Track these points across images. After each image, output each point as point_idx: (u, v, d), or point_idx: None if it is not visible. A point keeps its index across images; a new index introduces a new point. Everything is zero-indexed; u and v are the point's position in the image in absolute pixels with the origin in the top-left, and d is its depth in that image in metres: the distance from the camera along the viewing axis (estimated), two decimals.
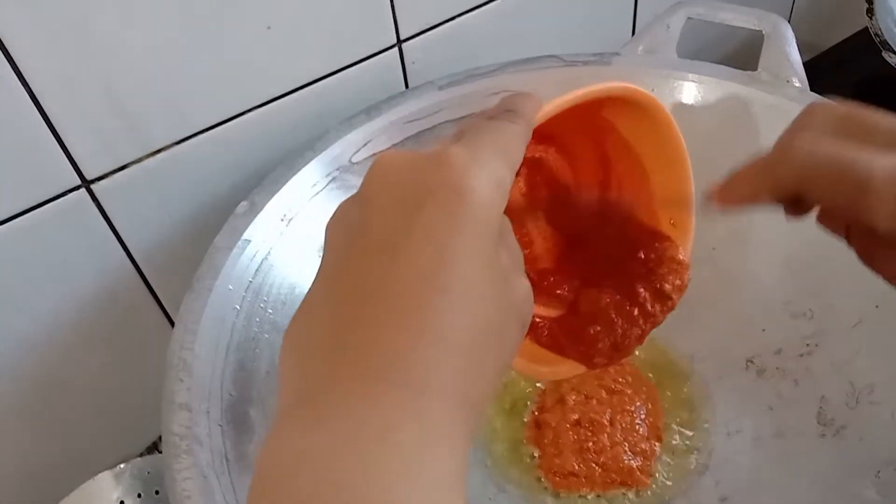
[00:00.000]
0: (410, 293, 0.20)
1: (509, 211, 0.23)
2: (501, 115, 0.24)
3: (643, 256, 0.32)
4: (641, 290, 0.31)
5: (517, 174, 0.25)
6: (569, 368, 0.31)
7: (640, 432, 0.45)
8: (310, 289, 0.22)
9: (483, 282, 0.21)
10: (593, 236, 0.34)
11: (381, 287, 0.20)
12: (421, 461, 0.18)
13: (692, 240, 0.34)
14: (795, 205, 0.27)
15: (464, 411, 0.20)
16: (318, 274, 0.22)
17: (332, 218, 0.23)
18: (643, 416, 0.46)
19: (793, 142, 0.25)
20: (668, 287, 0.32)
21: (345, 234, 0.22)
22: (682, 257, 0.32)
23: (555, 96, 0.27)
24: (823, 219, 0.28)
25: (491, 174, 0.21)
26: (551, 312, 0.32)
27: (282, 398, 0.21)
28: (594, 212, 0.33)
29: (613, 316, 0.31)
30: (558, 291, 0.32)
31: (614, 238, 0.33)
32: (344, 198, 0.44)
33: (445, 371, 0.19)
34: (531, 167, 0.33)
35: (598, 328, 0.30)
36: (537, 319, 0.31)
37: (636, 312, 0.31)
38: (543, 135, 0.32)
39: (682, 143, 0.31)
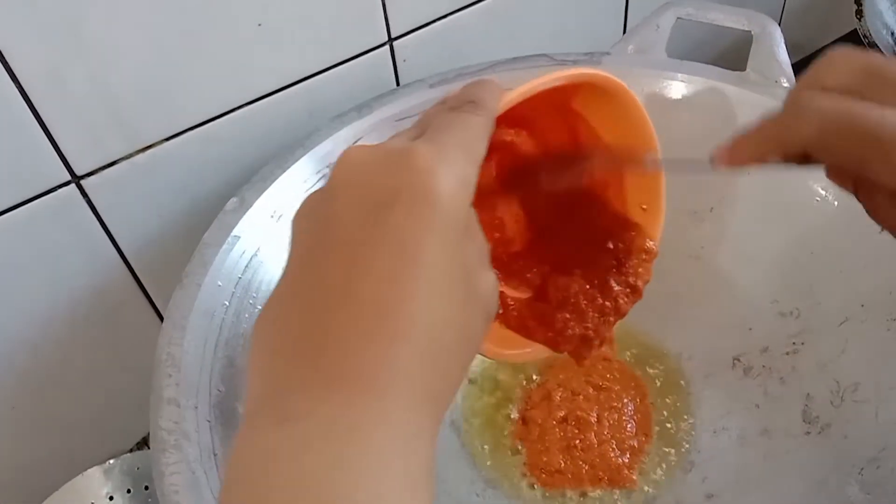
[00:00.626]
0: (376, 297, 0.20)
1: (480, 194, 0.23)
2: (464, 105, 0.24)
3: (612, 247, 0.32)
4: (613, 283, 0.32)
5: (488, 158, 0.25)
6: (534, 352, 0.31)
7: (629, 429, 0.45)
8: (277, 285, 0.22)
9: (448, 283, 0.21)
10: (564, 221, 0.34)
11: (347, 289, 0.20)
12: (388, 460, 0.18)
13: (662, 224, 0.34)
14: (803, 161, 0.26)
15: (428, 408, 0.20)
16: (285, 269, 0.22)
17: (298, 211, 0.23)
18: (631, 413, 0.46)
19: (803, 100, 0.25)
20: (638, 282, 0.32)
21: (311, 229, 0.22)
22: (650, 245, 0.33)
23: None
24: (832, 174, 0.28)
25: (456, 173, 0.21)
26: (521, 295, 0.32)
27: (249, 396, 0.21)
28: (565, 196, 0.33)
29: (584, 306, 0.31)
30: (528, 275, 0.32)
31: (585, 224, 0.33)
32: None
33: (411, 372, 0.20)
34: (503, 151, 0.33)
35: (568, 316, 0.31)
36: (509, 301, 0.31)
37: (607, 305, 0.31)
38: (516, 118, 0.32)
39: (650, 127, 0.32)
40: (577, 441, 0.44)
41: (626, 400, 0.47)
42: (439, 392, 0.21)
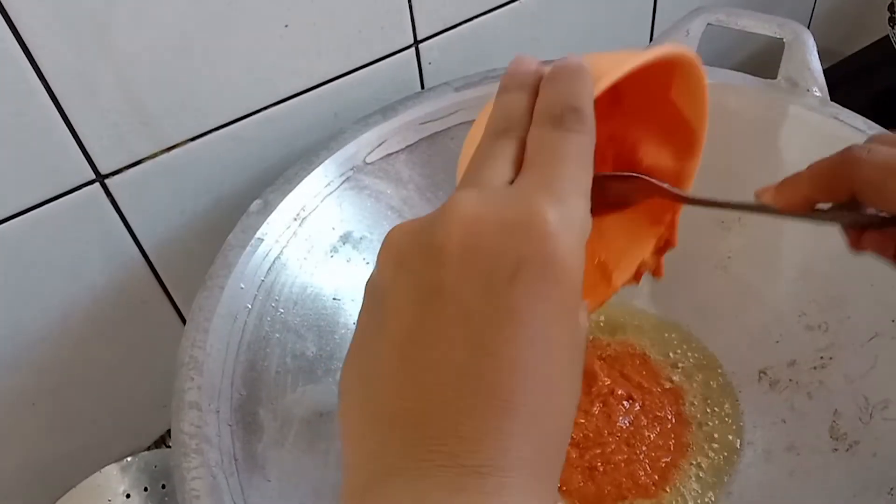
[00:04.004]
0: (502, 383, 0.19)
1: None
2: (567, 117, 0.22)
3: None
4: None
5: None
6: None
7: (661, 444, 0.44)
8: (371, 339, 0.21)
9: (569, 356, 0.20)
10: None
11: (470, 372, 0.19)
12: None
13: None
14: (852, 208, 0.27)
15: (552, 488, 0.20)
16: (381, 327, 0.21)
17: (387, 259, 0.21)
18: (669, 426, 0.45)
19: (856, 146, 0.26)
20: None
21: (414, 295, 0.20)
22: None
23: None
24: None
25: (578, 230, 0.20)
26: None
27: (353, 463, 0.20)
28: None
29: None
30: None
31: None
32: (358, 198, 0.43)
33: (539, 459, 0.19)
34: None
35: None
36: None
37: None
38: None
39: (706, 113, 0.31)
40: (599, 463, 0.43)
41: (665, 411, 0.46)
42: (558, 469, 0.20)
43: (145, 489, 0.49)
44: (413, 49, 0.51)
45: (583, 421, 0.45)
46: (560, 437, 0.20)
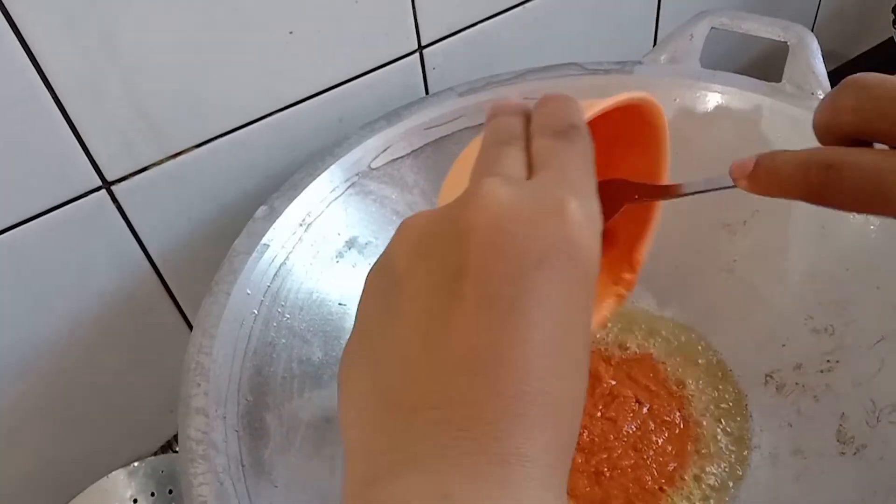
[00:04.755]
0: (528, 369, 0.19)
1: None
2: (569, 132, 0.23)
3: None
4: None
5: None
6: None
7: (668, 449, 0.44)
8: (383, 325, 0.21)
9: (586, 342, 0.20)
10: None
11: (494, 356, 0.19)
12: None
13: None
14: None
15: (565, 475, 0.20)
16: (395, 312, 0.20)
17: (412, 245, 0.21)
18: (677, 430, 0.45)
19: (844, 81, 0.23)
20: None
21: (438, 272, 0.20)
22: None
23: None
24: None
25: (595, 221, 0.21)
26: None
27: (366, 448, 0.19)
28: None
29: None
30: None
31: None
32: (363, 203, 0.43)
33: (561, 450, 0.19)
34: None
35: None
36: None
37: None
38: None
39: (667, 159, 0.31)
40: (606, 468, 0.43)
41: (672, 415, 0.46)
42: (570, 457, 0.20)
43: (152, 494, 0.49)
44: (417, 54, 0.51)
45: (588, 424, 0.45)
46: (575, 423, 0.20)
